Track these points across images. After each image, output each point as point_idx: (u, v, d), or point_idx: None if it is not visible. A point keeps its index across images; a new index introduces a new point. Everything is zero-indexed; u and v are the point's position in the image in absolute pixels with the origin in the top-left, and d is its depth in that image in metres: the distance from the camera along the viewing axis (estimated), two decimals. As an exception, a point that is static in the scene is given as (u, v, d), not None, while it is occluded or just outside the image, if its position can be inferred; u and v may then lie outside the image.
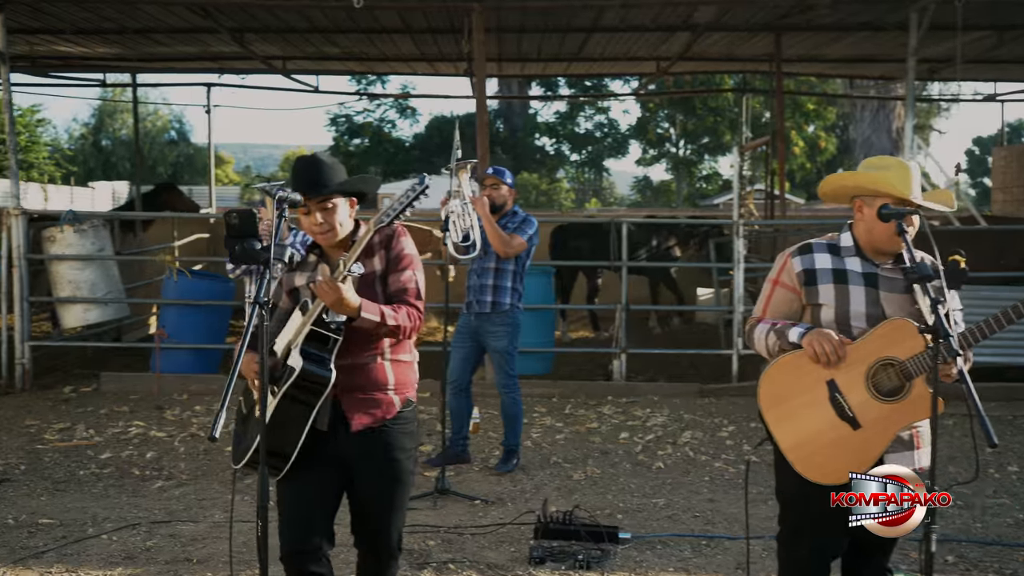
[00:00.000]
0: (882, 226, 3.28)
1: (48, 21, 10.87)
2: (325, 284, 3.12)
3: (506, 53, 13.24)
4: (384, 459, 3.44)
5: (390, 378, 3.44)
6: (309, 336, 3.27)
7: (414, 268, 3.46)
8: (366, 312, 3.25)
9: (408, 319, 3.37)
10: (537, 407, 8.73)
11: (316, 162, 3.38)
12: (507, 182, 6.73)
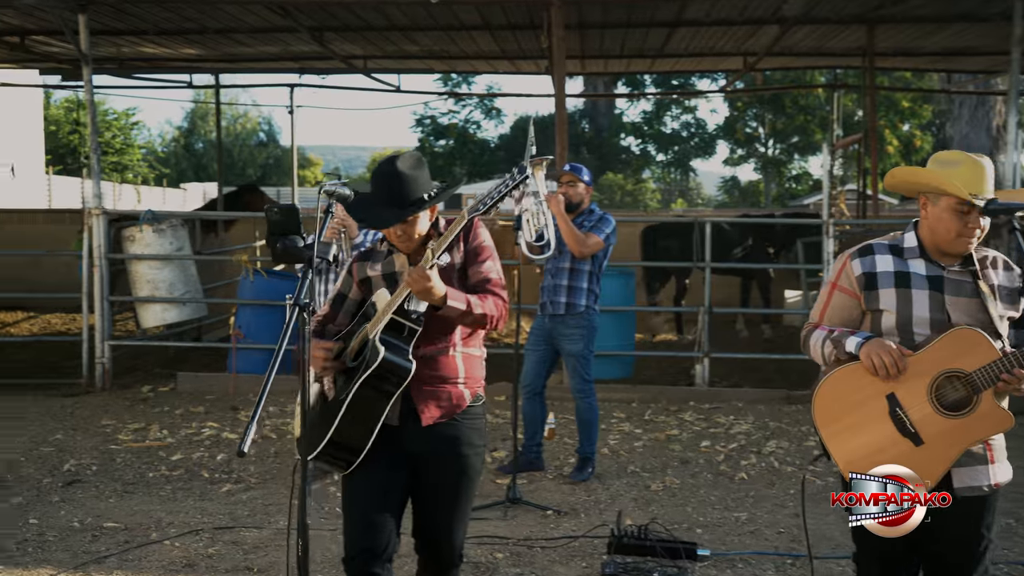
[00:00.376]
0: (946, 225, 3.08)
1: (131, 22, 10.94)
2: (415, 272, 3.03)
3: (588, 50, 12.98)
4: (453, 455, 3.33)
5: (460, 370, 3.33)
6: (388, 325, 3.16)
7: (493, 259, 3.37)
8: (452, 300, 3.14)
9: (494, 307, 3.27)
10: (615, 412, 8.46)
11: (397, 176, 3.21)
12: (584, 179, 6.48)
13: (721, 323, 12.19)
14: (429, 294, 3.06)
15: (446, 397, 3.29)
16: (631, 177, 46.49)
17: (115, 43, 12.34)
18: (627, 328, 9.83)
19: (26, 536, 5.26)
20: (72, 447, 7.16)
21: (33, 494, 6.03)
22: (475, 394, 3.38)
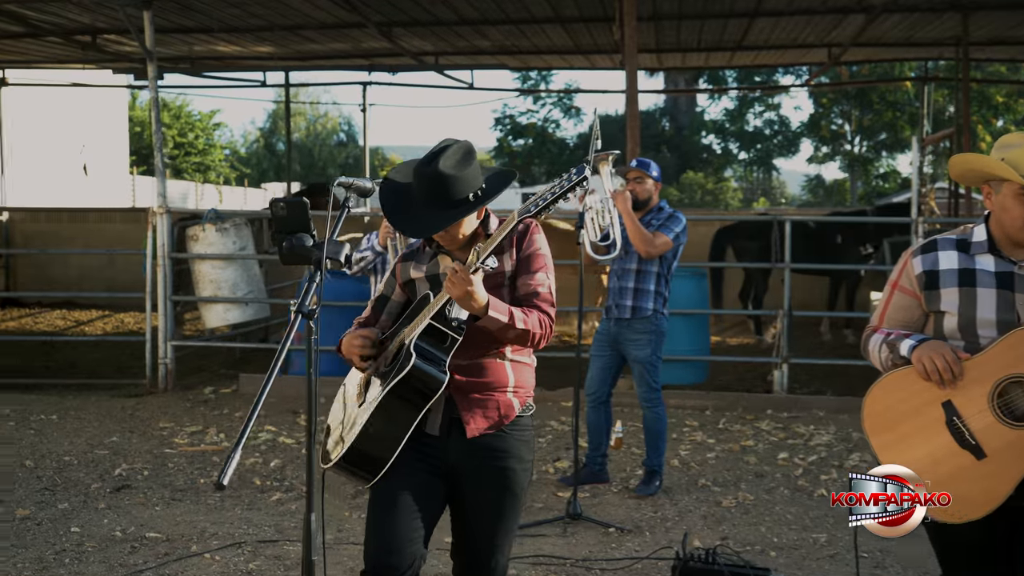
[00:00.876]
0: (1011, 214, 2.78)
1: (198, 19, 10.86)
2: (456, 275, 2.77)
3: (664, 43, 12.57)
4: (498, 468, 3.06)
5: (510, 378, 3.07)
6: (426, 331, 2.93)
7: (547, 270, 3.09)
8: (494, 311, 2.87)
9: (539, 325, 2.99)
10: (688, 420, 8.06)
11: (439, 178, 2.90)
12: (652, 175, 6.10)
13: (801, 326, 11.68)
14: (469, 301, 2.81)
15: (494, 407, 3.04)
16: (712, 176, 45.74)
17: (187, 41, 12.31)
18: (700, 331, 9.40)
19: (65, 546, 5.08)
20: (126, 450, 7.01)
21: (80, 500, 5.87)
22: (524, 404, 3.12)
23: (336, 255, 2.54)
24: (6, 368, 10.20)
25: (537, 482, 6.35)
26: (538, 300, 3.02)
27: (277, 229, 2.58)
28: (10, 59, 14.15)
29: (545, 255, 3.07)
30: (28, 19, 10.77)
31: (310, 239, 2.57)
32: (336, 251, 2.52)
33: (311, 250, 2.54)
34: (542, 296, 3.03)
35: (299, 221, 2.55)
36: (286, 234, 2.56)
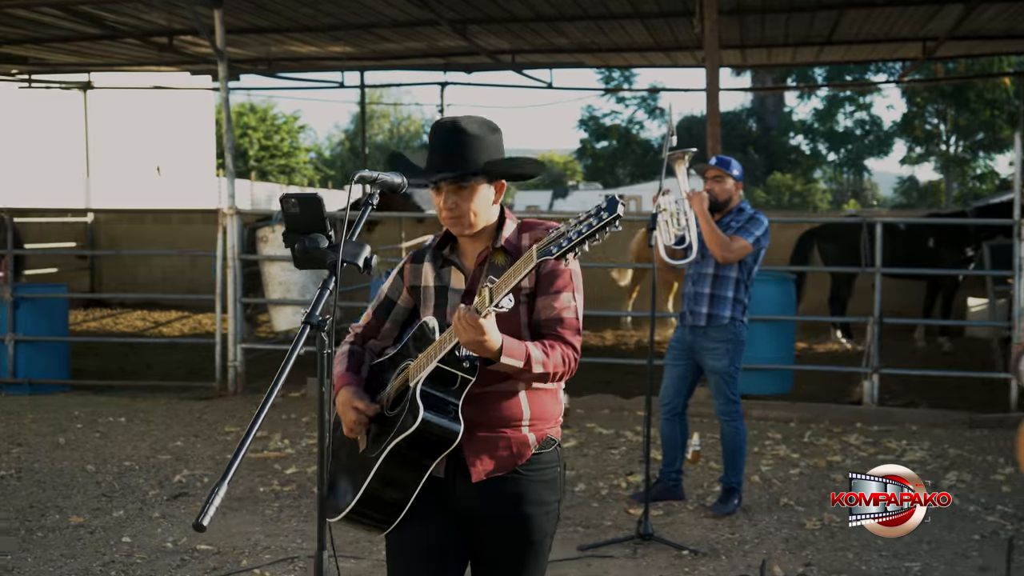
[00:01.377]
0: None
1: (271, 19, 10.77)
2: (465, 319, 2.43)
3: (749, 38, 12.10)
4: (513, 516, 2.70)
5: (525, 411, 2.69)
6: (432, 375, 2.57)
7: (574, 290, 2.70)
8: (508, 356, 2.53)
9: (562, 362, 2.63)
10: (770, 433, 7.64)
11: (456, 130, 2.65)
12: (733, 174, 5.73)
13: (893, 334, 11.14)
14: (480, 347, 2.47)
15: (505, 445, 2.67)
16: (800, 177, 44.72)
17: (262, 42, 12.26)
18: (785, 339, 8.96)
19: (114, 556, 4.93)
20: (189, 455, 6.88)
21: (136, 508, 5.72)
22: (543, 438, 2.72)
23: (354, 258, 2.26)
24: (84, 369, 10.23)
25: (607, 497, 6.03)
26: (562, 329, 2.66)
27: (289, 228, 2.31)
28: (91, 62, 14.30)
29: (572, 271, 2.70)
30: (105, 21, 10.81)
31: (325, 240, 2.29)
32: (354, 253, 2.24)
33: (326, 252, 2.26)
34: (567, 323, 2.67)
35: (313, 220, 2.28)
36: (299, 234, 2.29)
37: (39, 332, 9.30)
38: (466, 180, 2.63)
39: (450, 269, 2.77)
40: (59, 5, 9.63)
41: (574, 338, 2.67)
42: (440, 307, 2.74)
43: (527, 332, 2.69)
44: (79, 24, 10.87)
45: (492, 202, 2.71)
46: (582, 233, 2.27)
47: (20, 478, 6.28)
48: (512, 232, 2.75)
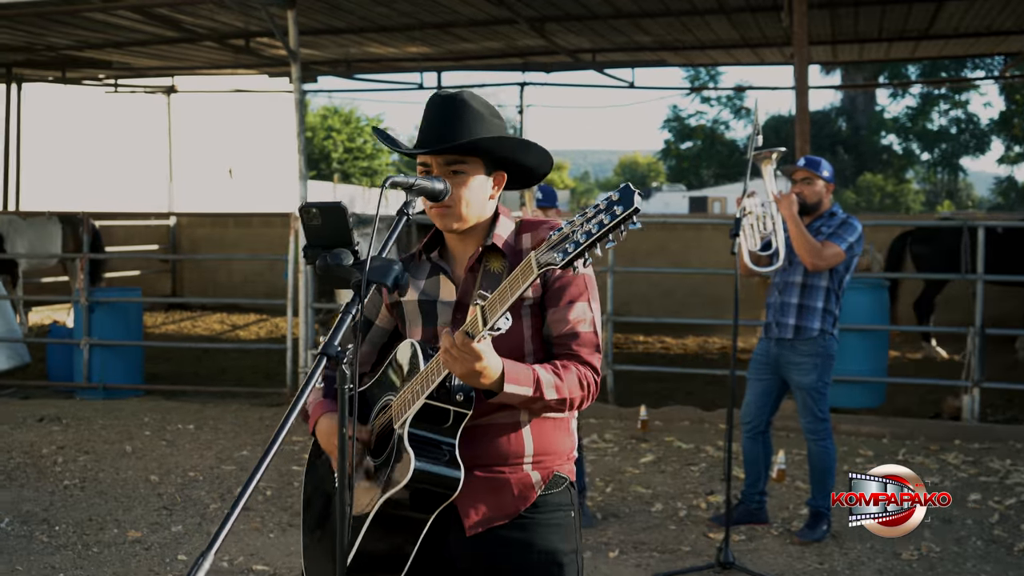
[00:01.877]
0: None
1: (346, 19, 10.62)
2: (456, 347, 2.03)
3: (841, 33, 11.58)
4: (519, 570, 2.29)
5: (528, 446, 2.30)
6: (420, 415, 2.19)
7: (589, 298, 2.31)
8: (512, 384, 2.13)
9: (578, 385, 2.24)
10: (862, 450, 7.19)
11: (454, 102, 2.29)
12: (823, 175, 5.34)
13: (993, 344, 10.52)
14: (477, 379, 2.08)
15: (505, 488, 2.28)
16: (892, 178, 43.48)
17: (339, 43, 12.13)
18: (878, 349, 8.48)
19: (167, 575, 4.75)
20: (253, 466, 6.69)
21: (195, 522, 5.55)
22: (550, 476, 2.32)
23: (382, 277, 1.95)
24: (158, 373, 10.21)
25: (686, 519, 5.68)
26: (578, 346, 2.27)
27: (310, 242, 2.02)
28: (172, 66, 14.37)
29: (587, 276, 2.31)
30: (181, 23, 10.77)
31: (350, 256, 1.99)
32: (383, 272, 1.94)
33: (350, 271, 1.96)
34: (583, 339, 2.27)
35: (337, 232, 1.98)
36: (321, 249, 2.00)
37: (114, 336, 9.26)
38: (461, 163, 2.25)
39: (438, 278, 2.38)
40: (136, 8, 9.60)
41: (592, 356, 2.28)
42: (428, 325, 2.36)
43: (533, 351, 2.30)
44: (157, 27, 10.87)
45: (488, 196, 2.32)
46: (592, 235, 1.83)
47: (84, 488, 6.17)
48: (509, 232, 2.36)
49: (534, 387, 2.15)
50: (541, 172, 2.40)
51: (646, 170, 69.38)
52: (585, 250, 1.85)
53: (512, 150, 2.31)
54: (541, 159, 2.36)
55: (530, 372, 2.17)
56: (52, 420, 7.96)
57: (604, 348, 8.54)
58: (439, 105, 2.31)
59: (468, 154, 2.27)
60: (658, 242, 14.15)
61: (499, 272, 2.29)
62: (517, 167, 2.36)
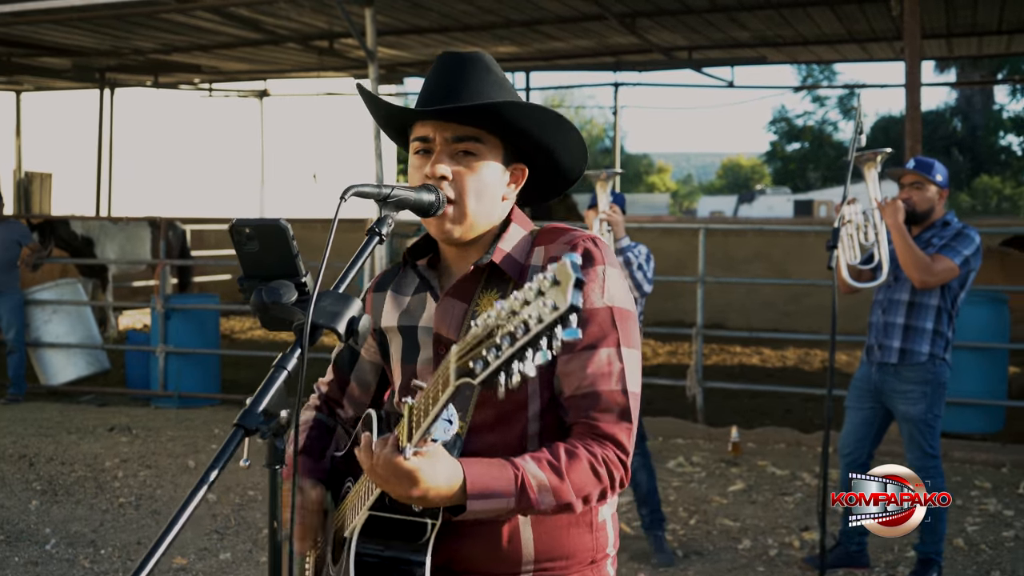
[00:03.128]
0: None
1: (429, 17, 10.28)
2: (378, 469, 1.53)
3: (957, 26, 10.78)
4: None
5: (527, 548, 1.71)
6: (371, 526, 1.68)
7: (619, 340, 1.69)
8: (478, 500, 1.56)
9: (592, 478, 1.64)
10: (977, 481, 6.52)
11: (470, 60, 1.76)
12: (936, 180, 4.73)
13: None
14: (419, 501, 1.56)
15: None
16: (1010, 180, 41.59)
17: (424, 43, 11.82)
18: (996, 369, 7.75)
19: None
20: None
21: (245, 549, 5.22)
22: None
23: (331, 321, 1.48)
24: (236, 381, 10.02)
25: (776, 559, 5.14)
26: (597, 411, 1.66)
27: (246, 272, 1.55)
28: (260, 69, 14.27)
29: (617, 307, 1.70)
30: (262, 24, 10.57)
31: (293, 290, 1.52)
32: (333, 314, 1.48)
33: (292, 310, 1.50)
34: (604, 401, 1.66)
35: (277, 259, 1.52)
36: (258, 280, 1.54)
37: (190, 343, 9.09)
38: (474, 141, 1.71)
39: (424, 296, 1.84)
40: (212, 8, 9.41)
41: (616, 426, 1.67)
42: (408, 361, 1.81)
43: (539, 413, 1.71)
44: (238, 29, 10.70)
45: (501, 195, 1.77)
46: (514, 339, 1.26)
47: (139, 507, 5.92)
48: (519, 243, 1.78)
49: (516, 496, 1.57)
50: (571, 175, 1.85)
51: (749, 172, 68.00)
52: (506, 364, 1.27)
53: (548, 129, 1.74)
54: (577, 153, 1.81)
55: (510, 473, 1.57)
56: (122, 430, 7.79)
57: (694, 363, 8.02)
58: (453, 61, 1.77)
59: (484, 127, 1.72)
60: (757, 248, 13.52)
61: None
62: (546, 160, 1.81)
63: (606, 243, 1.78)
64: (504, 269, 1.75)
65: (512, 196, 1.82)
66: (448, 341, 1.73)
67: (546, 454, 1.63)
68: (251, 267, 1.55)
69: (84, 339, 10.00)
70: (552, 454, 1.63)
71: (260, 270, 1.54)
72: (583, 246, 1.72)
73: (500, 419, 1.70)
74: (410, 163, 1.79)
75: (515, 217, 1.83)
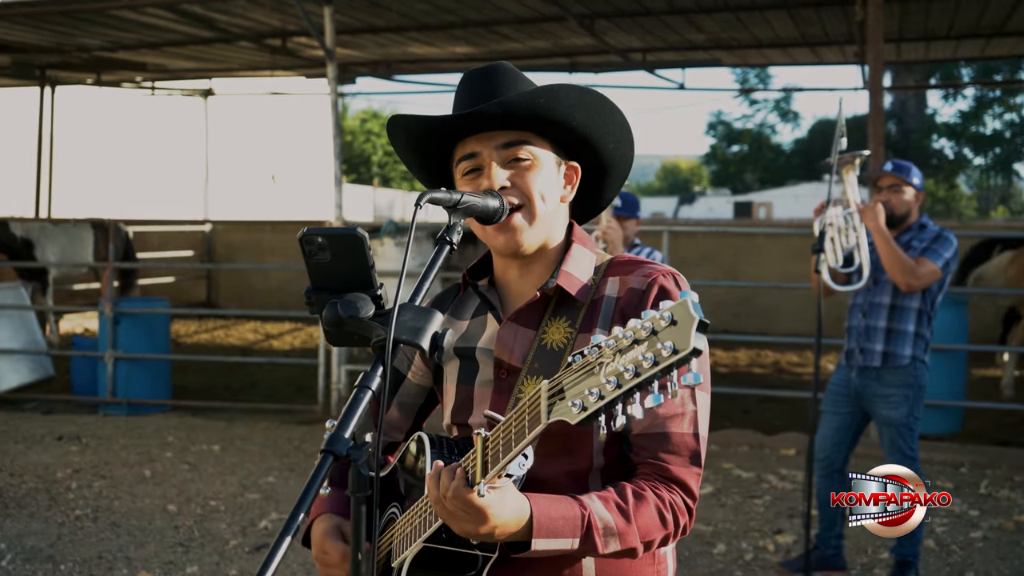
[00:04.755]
0: None
1: (387, 16, 10.12)
2: (447, 503, 1.44)
3: (909, 30, 10.90)
4: None
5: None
6: (424, 557, 1.59)
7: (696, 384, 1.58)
8: (543, 539, 1.48)
9: (659, 523, 1.57)
10: (939, 480, 6.57)
11: (497, 70, 1.70)
12: (913, 183, 4.73)
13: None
14: (484, 537, 1.47)
15: None
16: (943, 183, 42.42)
17: (379, 43, 11.65)
18: (955, 371, 7.83)
19: (175, 630, 4.25)
20: (280, 495, 6.21)
21: (212, 562, 5.06)
22: None
23: (414, 336, 1.38)
24: (187, 386, 9.78)
25: (752, 563, 5.11)
26: (666, 453, 1.59)
27: (315, 284, 1.45)
28: (209, 67, 13.98)
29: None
30: (216, 23, 10.34)
31: (370, 304, 1.42)
32: (415, 329, 1.37)
33: (371, 325, 1.40)
34: (675, 443, 1.60)
35: (352, 270, 1.41)
36: (329, 293, 1.43)
37: (140, 348, 8.84)
38: (524, 144, 1.63)
39: (485, 318, 1.75)
40: (166, 5, 9.16)
41: (686, 470, 1.60)
42: (465, 383, 1.73)
43: (603, 448, 1.63)
44: (190, 26, 10.45)
45: (560, 196, 1.70)
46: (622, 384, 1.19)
47: (96, 519, 5.71)
48: (588, 267, 1.71)
49: (581, 537, 1.49)
50: (621, 169, 1.76)
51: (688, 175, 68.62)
52: (613, 406, 1.20)
53: (596, 114, 1.65)
54: (623, 139, 1.72)
55: (576, 511, 1.49)
56: (71, 439, 7.54)
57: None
58: (479, 74, 1.71)
59: (533, 129, 1.64)
60: (706, 250, 13.58)
61: (560, 347, 1.64)
62: (592, 153, 1.72)
63: (685, 280, 1.71)
64: (575, 296, 1.68)
65: (569, 197, 1.75)
66: (510, 367, 1.66)
67: (613, 495, 1.55)
68: (321, 278, 1.43)
69: (27, 345, 9.70)
70: (620, 495, 1.55)
71: (331, 282, 1.42)
72: (661, 282, 1.66)
73: (565, 450, 1.62)
74: (458, 186, 1.70)
75: (577, 237, 1.75)
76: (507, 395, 1.66)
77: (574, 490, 1.58)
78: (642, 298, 1.64)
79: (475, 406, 1.71)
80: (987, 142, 42.18)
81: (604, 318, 1.65)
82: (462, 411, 1.73)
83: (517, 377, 1.66)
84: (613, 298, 1.67)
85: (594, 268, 1.73)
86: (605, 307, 1.66)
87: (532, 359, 1.65)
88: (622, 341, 1.20)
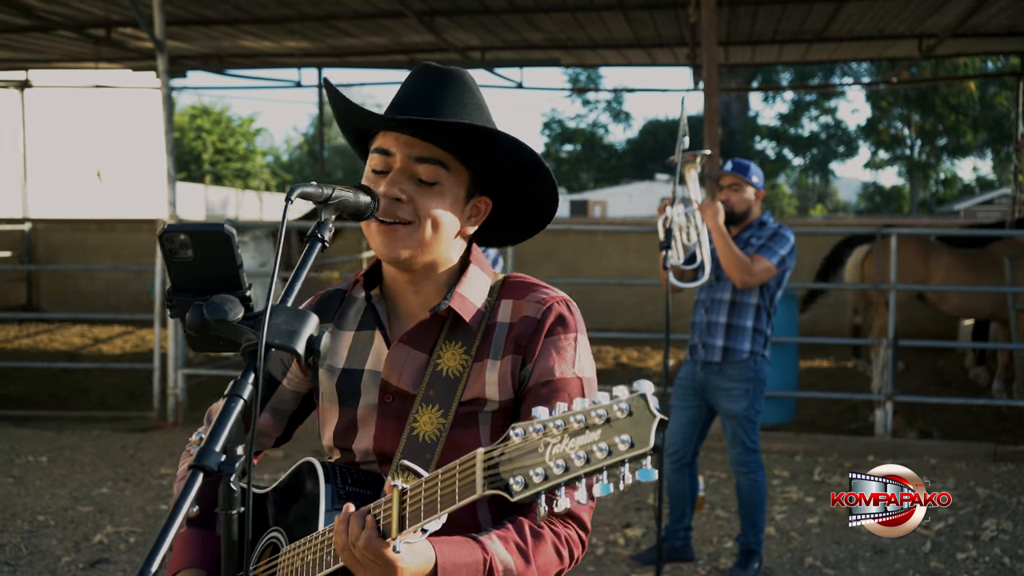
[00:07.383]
0: None
1: (222, 9, 9.79)
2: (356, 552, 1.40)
3: (736, 34, 11.30)
4: None
5: None
6: None
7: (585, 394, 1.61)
8: None
9: (555, 559, 1.57)
10: (776, 469, 6.82)
11: (452, 75, 1.62)
12: (752, 181, 4.88)
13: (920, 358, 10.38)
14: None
15: None
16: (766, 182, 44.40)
17: (211, 35, 11.27)
18: (788, 363, 8.15)
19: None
20: (114, 507, 5.92)
21: (43, 582, 4.77)
22: None
23: (289, 340, 1.29)
24: (8, 396, 9.22)
25: (604, 558, 5.17)
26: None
27: (176, 284, 1.33)
28: (24, 58, 13.22)
29: (588, 377, 1.64)
30: (34, 10, 9.77)
31: (239, 306, 1.31)
32: (290, 332, 1.29)
33: (240, 330, 1.30)
34: None
35: (219, 270, 1.31)
36: (193, 294, 1.32)
37: (-45, 356, 8.28)
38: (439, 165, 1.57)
39: (372, 333, 1.68)
40: (-24, -11, 8.62)
41: (581, 506, 1.58)
42: (347, 405, 1.66)
43: None
44: (4, 13, 9.84)
45: (458, 230, 1.64)
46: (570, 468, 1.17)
47: (-90, 540, 5.31)
48: (480, 289, 1.66)
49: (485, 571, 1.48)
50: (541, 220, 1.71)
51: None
52: (557, 489, 1.18)
53: (525, 165, 1.60)
54: (548, 201, 1.67)
55: (479, 556, 1.47)
56: None
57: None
58: (434, 74, 1.62)
59: (454, 152, 1.58)
60: (547, 247, 13.72)
61: (455, 375, 1.58)
62: (517, 196, 1.67)
63: (577, 307, 1.68)
64: (468, 322, 1.62)
65: (471, 231, 1.68)
66: (397, 390, 1.60)
67: (513, 534, 1.54)
68: (184, 278, 1.32)
69: None
70: (519, 534, 1.54)
71: (195, 282, 1.31)
72: (557, 310, 1.62)
73: None
74: (365, 177, 1.63)
75: (474, 258, 1.70)
76: (394, 421, 1.60)
77: (467, 517, 1.55)
78: (537, 327, 1.60)
79: (360, 430, 1.64)
80: (805, 143, 44.25)
81: (496, 347, 1.61)
82: (347, 436, 1.66)
83: (405, 402, 1.60)
84: (506, 324, 1.63)
85: (488, 290, 1.67)
86: (497, 335, 1.61)
87: (427, 386, 1.59)
88: (571, 424, 1.17)
